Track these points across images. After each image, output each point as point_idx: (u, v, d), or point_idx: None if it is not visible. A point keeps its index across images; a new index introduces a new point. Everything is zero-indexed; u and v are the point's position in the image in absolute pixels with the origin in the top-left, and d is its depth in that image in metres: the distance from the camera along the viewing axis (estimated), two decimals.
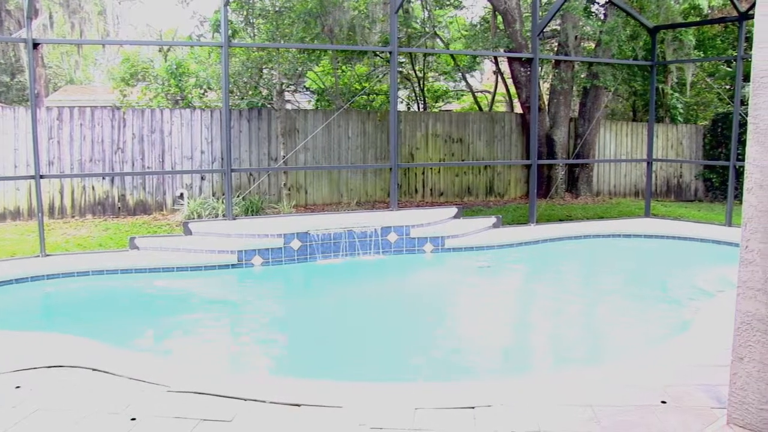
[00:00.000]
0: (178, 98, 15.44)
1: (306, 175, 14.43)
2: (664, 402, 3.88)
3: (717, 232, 10.67)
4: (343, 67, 17.00)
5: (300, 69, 14.72)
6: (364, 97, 17.18)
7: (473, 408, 3.79)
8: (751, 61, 3.58)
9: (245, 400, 3.93)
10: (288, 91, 15.50)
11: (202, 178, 13.67)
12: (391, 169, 10.70)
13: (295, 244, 8.88)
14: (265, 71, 14.68)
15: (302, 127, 14.34)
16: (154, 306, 7.59)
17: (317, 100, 18.33)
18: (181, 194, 13.44)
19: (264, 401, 3.91)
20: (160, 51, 20.49)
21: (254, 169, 13.79)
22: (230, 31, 12.43)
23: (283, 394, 4.01)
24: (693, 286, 8.70)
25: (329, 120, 14.32)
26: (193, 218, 11.98)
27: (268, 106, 14.41)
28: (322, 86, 17.43)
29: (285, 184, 14.03)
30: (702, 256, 10.13)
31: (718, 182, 17.61)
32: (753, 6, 9.46)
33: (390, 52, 10.64)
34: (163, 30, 20.27)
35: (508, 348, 6.53)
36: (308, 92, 19.01)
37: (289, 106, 15.54)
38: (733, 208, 11.13)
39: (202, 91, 15.31)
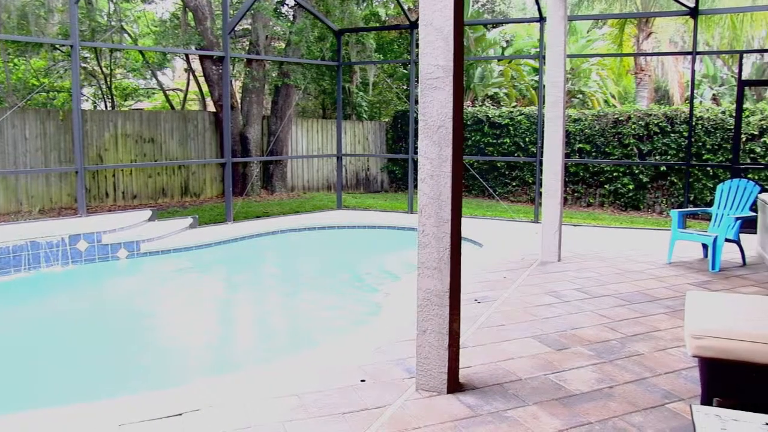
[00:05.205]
0: None
1: None
2: (363, 380, 4.17)
3: (401, 219, 11.74)
4: (16, 61, 15.24)
5: None
6: (44, 94, 15.62)
7: (181, 415, 3.69)
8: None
9: None
10: None
11: None
12: (77, 172, 9.89)
13: None
14: None
15: None
16: None
17: None
18: None
19: None
20: None
21: None
22: None
23: None
24: (383, 271, 9.47)
25: (1, 120, 12.73)
26: None
27: None
28: None
29: None
30: (389, 242, 11.05)
31: (401, 174, 19.33)
32: None
33: (71, 46, 9.81)
34: None
35: (214, 349, 6.47)
36: None
37: None
38: (413, 197, 12.30)
39: None
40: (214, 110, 16.53)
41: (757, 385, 3.35)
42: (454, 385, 4.03)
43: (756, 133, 13.85)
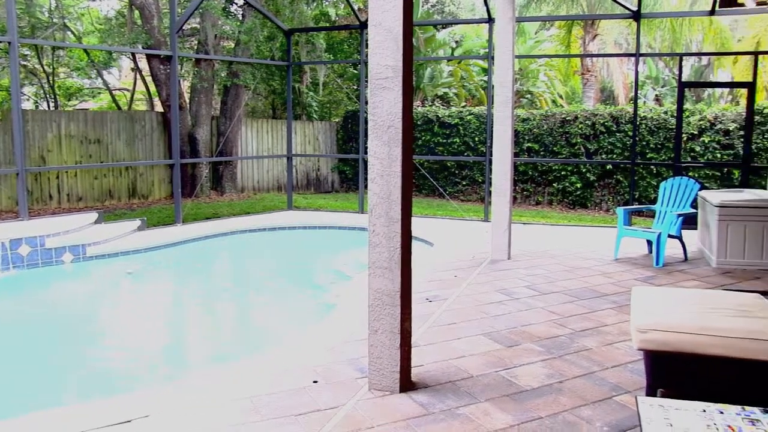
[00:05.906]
0: None
1: None
2: (315, 381, 4.15)
3: (352, 220, 11.73)
4: None
5: None
6: None
7: (130, 422, 3.62)
8: None
9: None
10: None
11: None
12: (18, 174, 9.60)
13: None
14: None
15: None
16: None
17: None
18: None
19: None
20: None
21: None
22: None
23: None
24: (334, 271, 9.45)
25: None
26: None
27: None
28: None
29: None
30: (340, 242, 11.04)
31: (351, 174, 19.32)
32: None
33: (9, 43, 9.51)
34: None
35: (166, 353, 6.36)
36: None
37: None
38: (364, 196, 12.31)
39: None
40: (162, 110, 16.24)
41: (696, 375, 3.46)
42: (407, 384, 4.05)
43: (696, 132, 14.28)
